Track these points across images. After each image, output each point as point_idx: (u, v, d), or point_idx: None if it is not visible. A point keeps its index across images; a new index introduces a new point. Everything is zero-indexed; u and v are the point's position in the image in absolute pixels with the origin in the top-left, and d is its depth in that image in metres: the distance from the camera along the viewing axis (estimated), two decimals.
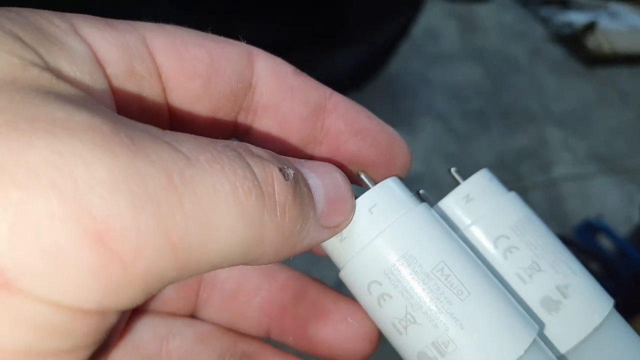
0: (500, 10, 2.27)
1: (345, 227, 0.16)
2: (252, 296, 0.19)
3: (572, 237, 1.21)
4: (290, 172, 0.14)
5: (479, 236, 0.19)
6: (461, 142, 1.54)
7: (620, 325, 0.19)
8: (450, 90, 1.71)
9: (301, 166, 0.15)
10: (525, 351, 0.16)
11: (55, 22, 0.13)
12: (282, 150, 0.18)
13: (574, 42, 2.18)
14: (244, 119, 0.17)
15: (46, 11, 0.13)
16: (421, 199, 0.21)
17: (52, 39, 0.12)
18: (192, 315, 0.19)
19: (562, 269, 0.19)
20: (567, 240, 1.17)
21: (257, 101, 0.17)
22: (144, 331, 0.17)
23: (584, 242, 1.18)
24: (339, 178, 0.16)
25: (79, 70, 0.12)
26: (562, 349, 0.18)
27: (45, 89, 0.11)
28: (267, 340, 0.20)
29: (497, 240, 0.19)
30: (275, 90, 0.17)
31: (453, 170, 0.22)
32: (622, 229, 1.40)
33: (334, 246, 0.18)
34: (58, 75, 0.12)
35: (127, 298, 0.11)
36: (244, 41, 0.17)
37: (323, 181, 0.15)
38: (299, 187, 0.14)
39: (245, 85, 0.16)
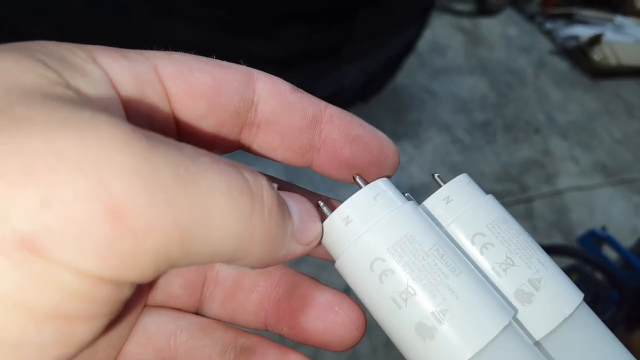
0: (505, 24, 2.29)
1: (314, 247, 0.19)
2: (250, 292, 0.20)
3: (578, 248, 1.21)
4: (275, 184, 0.16)
5: (458, 233, 0.21)
6: (467, 153, 1.56)
7: (589, 316, 0.21)
8: (456, 103, 1.73)
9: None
10: (506, 327, 0.18)
11: (77, 53, 0.15)
12: (284, 158, 0.20)
13: (579, 55, 2.20)
14: (247, 133, 0.19)
15: (69, 43, 0.15)
16: (408, 197, 0.23)
17: (73, 65, 0.14)
18: (198, 311, 0.21)
19: (534, 264, 0.21)
20: (572, 250, 1.18)
21: (260, 117, 0.19)
22: (155, 325, 0.19)
23: (588, 252, 1.19)
24: (309, 205, 0.19)
25: (97, 91, 0.14)
26: (536, 337, 0.20)
27: (71, 99, 0.13)
28: (264, 331, 0.21)
29: (475, 237, 0.21)
30: (275, 106, 0.19)
31: (436, 175, 0.23)
32: (628, 240, 1.40)
33: (338, 230, 0.19)
34: (78, 93, 0.14)
35: (138, 270, 0.12)
36: (244, 64, 0.19)
37: (297, 206, 0.18)
38: (281, 200, 0.16)
39: (247, 103, 0.18)
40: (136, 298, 0.18)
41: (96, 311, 0.13)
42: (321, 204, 0.20)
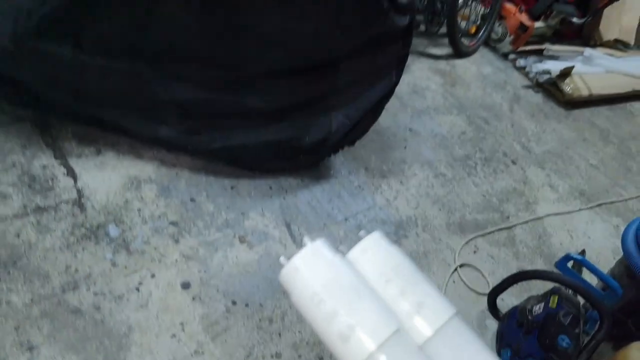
0: (480, 64, 2.43)
1: None
2: None
3: (555, 272, 1.27)
4: None
5: (370, 273, 0.32)
6: (449, 185, 1.66)
7: (460, 325, 0.31)
8: (437, 139, 1.85)
9: None
10: (396, 331, 0.29)
11: None
12: None
13: (552, 88, 2.33)
14: None
15: None
16: (339, 251, 0.33)
17: None
18: None
19: (420, 291, 0.31)
20: (550, 275, 1.23)
21: None
22: None
23: (566, 275, 1.23)
24: None
25: None
26: (419, 341, 0.31)
27: None
28: None
29: (381, 275, 0.32)
30: None
31: (361, 232, 0.34)
32: (610, 260, 1.46)
33: (291, 276, 0.31)
34: None
35: None
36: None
37: None
38: None
39: None
40: None
41: None
42: (282, 257, 0.31)
